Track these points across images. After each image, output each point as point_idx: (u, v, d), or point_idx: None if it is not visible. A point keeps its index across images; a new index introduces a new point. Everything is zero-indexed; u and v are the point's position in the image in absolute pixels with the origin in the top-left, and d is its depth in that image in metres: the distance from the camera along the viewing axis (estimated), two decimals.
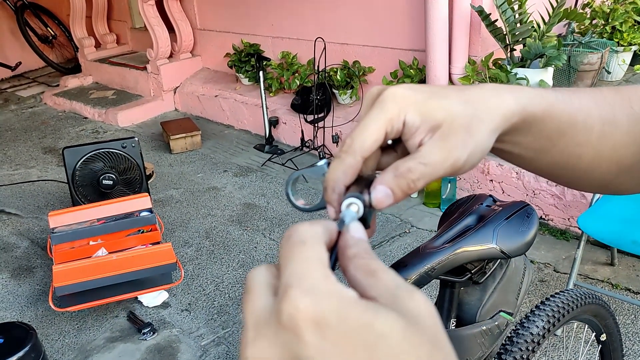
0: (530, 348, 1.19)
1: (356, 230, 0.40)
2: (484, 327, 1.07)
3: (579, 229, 2.20)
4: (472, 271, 1.07)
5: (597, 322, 1.46)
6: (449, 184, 3.09)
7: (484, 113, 0.45)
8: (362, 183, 0.47)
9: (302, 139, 3.94)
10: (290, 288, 0.31)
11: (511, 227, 1.11)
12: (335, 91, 3.99)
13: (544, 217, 2.93)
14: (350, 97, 4.00)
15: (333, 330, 0.30)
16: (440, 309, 1.06)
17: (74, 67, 6.26)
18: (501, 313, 1.07)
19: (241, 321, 2.50)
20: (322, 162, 0.52)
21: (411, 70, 3.58)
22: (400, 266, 0.96)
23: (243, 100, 4.56)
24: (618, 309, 2.38)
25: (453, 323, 1.05)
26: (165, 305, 2.66)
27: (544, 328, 1.25)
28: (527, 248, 1.09)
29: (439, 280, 1.05)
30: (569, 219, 2.85)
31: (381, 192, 0.44)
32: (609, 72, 3.58)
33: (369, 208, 0.46)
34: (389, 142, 0.47)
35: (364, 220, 0.44)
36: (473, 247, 1.06)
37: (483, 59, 3.23)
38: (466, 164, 0.45)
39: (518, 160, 0.53)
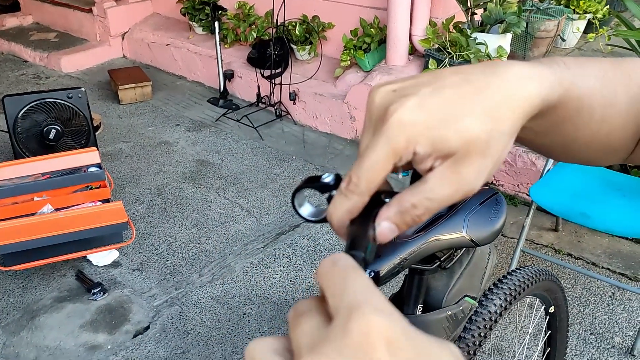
0: (487, 326, 1.23)
1: None
2: (450, 312, 1.09)
3: (528, 196, 2.26)
4: (442, 259, 1.07)
5: (547, 296, 1.52)
6: None
7: (506, 120, 0.41)
8: (367, 212, 0.45)
9: (258, 95, 3.85)
10: (360, 306, 0.31)
11: (481, 215, 1.11)
12: (294, 46, 3.89)
13: (494, 182, 3.00)
14: (309, 53, 3.92)
15: (404, 351, 0.30)
16: (408, 296, 1.07)
17: (12, 5, 5.86)
18: (466, 298, 1.08)
19: (195, 281, 2.49)
20: (329, 178, 0.50)
21: (372, 29, 3.52)
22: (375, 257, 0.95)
23: (197, 50, 4.39)
24: (560, 273, 2.49)
25: (420, 309, 1.06)
26: (115, 264, 2.60)
27: (501, 306, 1.28)
28: (495, 236, 1.10)
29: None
30: (518, 185, 2.93)
31: (385, 229, 0.42)
32: (563, 40, 3.63)
33: (373, 242, 0.45)
34: None
35: (367, 256, 0.43)
36: (444, 236, 1.06)
37: (444, 22, 3.21)
38: (479, 186, 0.42)
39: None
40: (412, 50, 3.44)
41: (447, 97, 0.40)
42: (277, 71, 3.78)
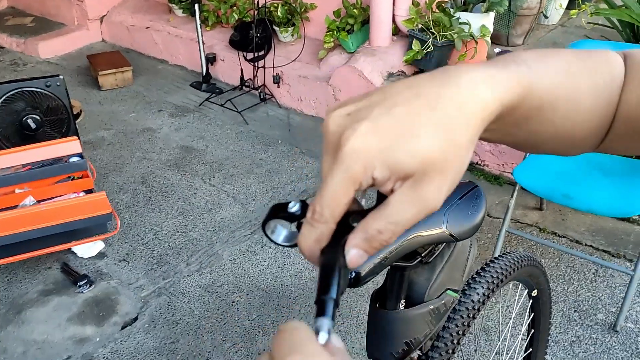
0: (471, 315, 1.24)
1: (337, 341, 0.39)
2: (432, 306, 1.10)
3: (513, 176, 2.27)
4: (423, 254, 1.07)
5: (530, 281, 1.54)
6: None
7: (461, 131, 0.40)
8: (338, 238, 0.44)
9: (242, 78, 3.81)
10: (291, 353, 0.32)
11: (461, 210, 1.11)
12: (276, 28, 3.85)
13: (479, 162, 3.00)
14: (292, 35, 3.87)
15: None
16: (391, 292, 1.07)
17: None
18: (448, 291, 1.09)
19: (182, 270, 2.48)
20: (295, 207, 0.49)
21: (354, 10, 3.48)
22: None
23: (177, 33, 4.33)
24: (544, 252, 2.52)
25: (402, 304, 1.06)
26: (101, 255, 2.59)
27: (484, 295, 1.29)
28: (475, 231, 1.10)
29: None
30: (503, 164, 2.94)
31: (355, 256, 0.42)
32: (546, 17, 3.62)
33: (344, 268, 0.45)
34: None
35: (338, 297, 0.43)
36: (424, 233, 1.06)
37: (427, 1, 3.18)
38: (441, 202, 0.42)
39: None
40: (396, 31, 3.41)
41: (399, 116, 0.39)
42: (260, 54, 3.74)
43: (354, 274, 0.94)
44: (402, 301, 1.11)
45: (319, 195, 0.41)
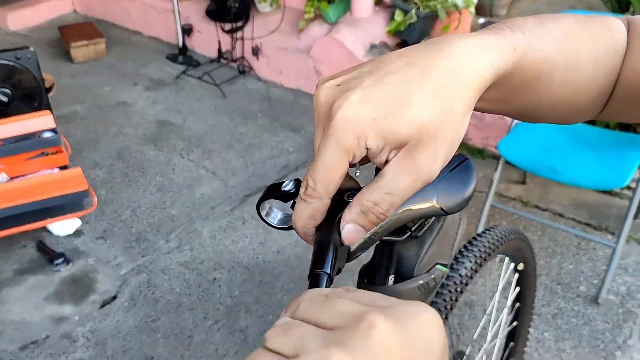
0: (459, 289, 1.21)
1: None
2: (421, 281, 1.06)
3: (496, 149, 2.25)
4: (412, 229, 1.03)
5: (516, 255, 1.52)
6: None
7: (457, 99, 0.39)
8: (332, 214, 0.43)
9: (220, 50, 3.71)
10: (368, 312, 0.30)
11: (451, 183, 1.07)
12: None
13: (466, 138, 2.98)
14: (271, 5, 3.77)
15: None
16: (380, 267, 1.03)
17: None
18: (437, 266, 1.05)
19: (162, 247, 2.43)
20: (289, 186, 0.48)
21: None
22: None
23: (152, 3, 4.19)
24: (527, 225, 2.52)
25: (391, 279, 1.03)
26: (78, 233, 2.52)
27: (472, 269, 1.27)
28: (466, 204, 1.06)
29: None
30: (486, 138, 2.92)
31: (351, 232, 0.41)
32: None
33: (340, 245, 0.43)
34: None
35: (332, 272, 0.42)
36: (415, 207, 1.01)
37: None
38: (438, 171, 0.40)
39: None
40: (378, 1, 3.34)
41: (392, 84, 0.38)
42: (238, 25, 3.64)
43: None
44: (391, 276, 1.07)
45: (311, 169, 0.40)
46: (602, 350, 1.99)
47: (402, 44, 3.23)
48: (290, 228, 0.51)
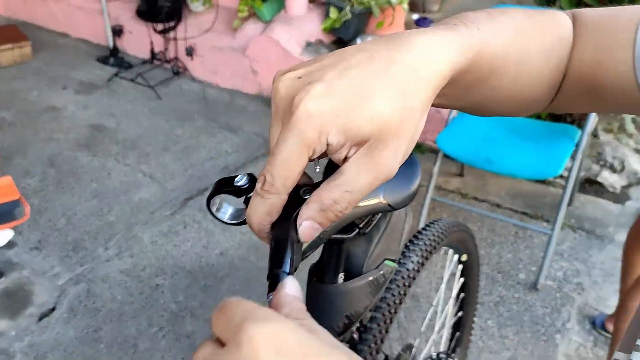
0: (407, 284, 1.23)
1: (290, 288, 0.37)
2: (371, 278, 1.07)
3: (434, 143, 2.30)
4: (360, 226, 1.03)
5: (459, 246, 1.56)
6: None
7: (416, 96, 0.38)
8: (288, 211, 0.42)
9: (152, 51, 3.62)
10: (244, 321, 0.30)
11: (397, 179, 1.07)
12: None
13: None
14: (203, 4, 3.70)
15: (291, 355, 0.29)
16: (328, 265, 1.03)
17: None
18: (386, 262, 1.06)
19: (100, 255, 2.35)
20: (242, 180, 0.47)
21: None
22: None
23: (78, 4, 4.03)
24: (467, 217, 2.58)
25: (341, 277, 1.03)
26: (10, 245, 2.39)
27: (419, 263, 1.29)
28: (412, 199, 1.07)
29: None
30: (424, 132, 2.98)
31: (308, 229, 0.40)
32: None
33: (297, 242, 0.42)
34: None
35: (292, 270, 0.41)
36: (362, 203, 1.01)
37: None
38: (397, 168, 0.40)
39: None
40: None
41: (353, 79, 0.37)
42: (170, 25, 3.56)
43: None
44: (341, 274, 1.07)
45: (269, 163, 0.38)
46: (543, 334, 2.06)
47: (338, 41, 3.25)
48: (243, 223, 0.49)
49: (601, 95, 0.50)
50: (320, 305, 1.07)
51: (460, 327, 1.73)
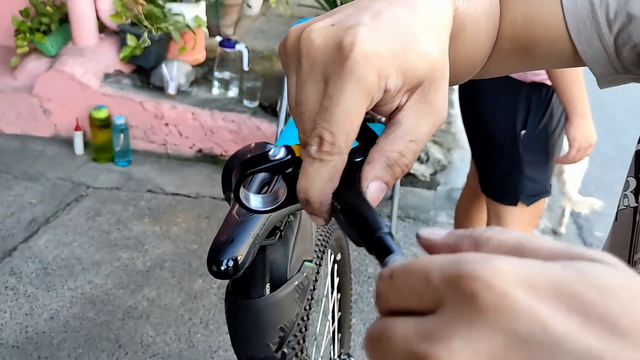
0: (312, 287, 1.18)
1: (435, 233, 0.31)
2: (296, 282, 1.01)
3: None
4: (281, 228, 0.97)
5: (335, 245, 1.56)
6: (122, 135, 2.82)
7: (444, 37, 0.37)
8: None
9: None
10: (468, 268, 0.23)
11: None
12: None
13: (224, 153, 2.95)
14: None
15: (547, 288, 0.22)
16: (253, 277, 0.95)
17: None
18: (305, 263, 1.01)
19: None
20: (281, 153, 0.38)
21: (47, 8, 3.05)
22: (226, 243, 0.82)
23: None
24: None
25: (268, 288, 0.95)
26: None
27: (317, 264, 1.25)
28: None
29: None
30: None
31: (377, 190, 0.36)
32: (249, 7, 3.74)
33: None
34: None
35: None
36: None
37: None
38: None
39: None
40: (103, 28, 3.11)
41: (391, 21, 0.35)
42: None
43: (232, 263, 0.80)
44: (268, 285, 0.99)
45: (324, 120, 0.33)
46: None
47: (139, 69, 3.07)
48: (278, 208, 0.41)
49: (533, 51, 0.52)
50: (250, 323, 0.97)
51: (340, 327, 1.73)
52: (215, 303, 2.16)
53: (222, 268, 0.77)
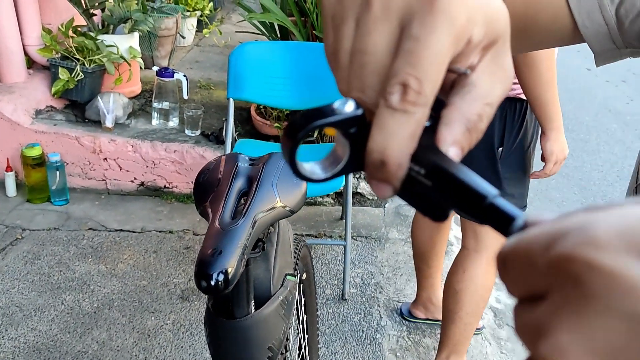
0: (296, 302, 1.15)
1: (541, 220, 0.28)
2: (281, 297, 0.98)
3: None
4: (263, 239, 0.95)
5: (301, 264, 1.53)
6: (57, 172, 2.69)
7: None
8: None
9: None
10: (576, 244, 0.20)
11: (286, 179, 1.01)
12: None
13: (168, 185, 2.87)
14: None
15: None
16: (238, 297, 0.92)
17: None
18: (287, 277, 0.98)
19: None
20: (347, 105, 0.32)
21: None
22: (214, 255, 0.78)
23: None
24: None
25: (253, 306, 0.92)
26: None
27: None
28: (304, 200, 1.02)
29: None
30: (192, 182, 2.87)
31: (457, 156, 0.31)
32: (183, 37, 3.69)
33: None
34: None
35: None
36: (267, 212, 0.93)
37: (61, 27, 2.86)
38: None
39: None
40: (31, 63, 2.98)
41: None
42: None
43: (222, 276, 0.76)
44: (252, 302, 0.95)
45: (409, 65, 0.29)
46: (366, 338, 2.14)
47: (73, 104, 2.95)
48: (339, 174, 0.34)
49: (533, 30, 0.51)
50: (237, 346, 0.92)
51: (308, 349, 1.69)
52: (171, 339, 2.07)
53: (212, 283, 0.73)
